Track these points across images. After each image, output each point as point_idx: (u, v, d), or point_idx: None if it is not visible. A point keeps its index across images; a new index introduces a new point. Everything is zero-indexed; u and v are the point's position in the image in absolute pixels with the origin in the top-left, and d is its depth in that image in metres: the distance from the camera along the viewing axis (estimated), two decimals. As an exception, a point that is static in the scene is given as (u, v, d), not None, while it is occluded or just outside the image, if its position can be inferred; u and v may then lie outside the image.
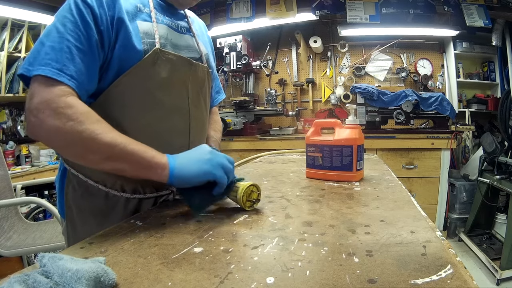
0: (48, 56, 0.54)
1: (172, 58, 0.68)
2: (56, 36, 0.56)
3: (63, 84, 0.55)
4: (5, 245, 1.43)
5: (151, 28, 0.66)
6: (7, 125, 2.64)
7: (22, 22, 2.48)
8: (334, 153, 0.86)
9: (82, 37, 0.57)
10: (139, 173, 0.59)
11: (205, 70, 0.79)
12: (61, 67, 0.55)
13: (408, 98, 2.56)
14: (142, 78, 0.64)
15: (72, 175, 0.69)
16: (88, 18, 0.58)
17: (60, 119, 0.53)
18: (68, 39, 0.56)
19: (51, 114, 0.53)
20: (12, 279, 0.31)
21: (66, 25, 0.57)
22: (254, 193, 0.64)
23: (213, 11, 3.02)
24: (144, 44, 0.64)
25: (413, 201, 0.66)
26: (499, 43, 2.76)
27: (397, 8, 2.70)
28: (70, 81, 0.56)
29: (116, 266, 0.41)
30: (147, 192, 0.71)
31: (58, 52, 0.55)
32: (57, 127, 0.53)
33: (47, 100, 0.53)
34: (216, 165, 0.61)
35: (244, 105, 2.85)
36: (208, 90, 0.83)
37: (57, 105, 0.53)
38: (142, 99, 0.66)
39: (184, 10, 0.80)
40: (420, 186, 2.52)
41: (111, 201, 0.68)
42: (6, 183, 1.66)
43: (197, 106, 0.77)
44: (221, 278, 0.37)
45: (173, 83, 0.70)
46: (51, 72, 0.54)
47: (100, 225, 0.65)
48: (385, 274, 0.37)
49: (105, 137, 0.54)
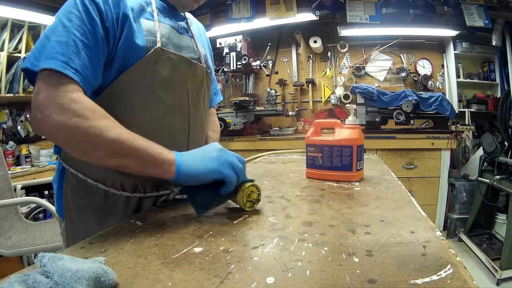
0: (55, 50, 0.54)
1: (172, 57, 0.69)
2: (62, 30, 0.56)
3: (68, 79, 0.55)
4: (5, 245, 1.43)
5: (153, 27, 0.67)
6: (7, 125, 2.64)
7: (22, 22, 2.47)
8: (334, 153, 0.86)
9: (88, 32, 0.57)
10: (145, 169, 0.58)
11: (204, 70, 0.79)
12: (66, 60, 0.54)
13: (408, 98, 2.56)
14: (143, 76, 0.65)
15: (71, 174, 0.69)
16: (94, 14, 0.58)
17: (65, 115, 0.52)
18: (74, 34, 0.56)
19: (57, 110, 0.52)
20: (12, 279, 0.31)
21: (72, 20, 0.57)
22: (254, 194, 0.64)
23: (213, 11, 3.02)
24: (147, 42, 0.64)
25: (413, 201, 0.66)
26: (499, 43, 2.76)
27: (397, 8, 2.70)
28: (75, 74, 0.55)
29: (116, 266, 0.41)
30: (147, 191, 0.71)
31: (64, 46, 0.55)
32: (62, 123, 0.52)
33: (52, 96, 0.53)
34: (224, 163, 0.60)
35: (244, 105, 2.85)
36: (207, 90, 0.84)
37: (63, 100, 0.53)
38: (143, 97, 0.66)
39: (183, 12, 0.80)
40: (420, 186, 2.52)
41: (111, 200, 0.68)
42: (6, 183, 1.66)
43: (196, 105, 0.77)
44: (221, 278, 0.37)
45: (173, 82, 0.70)
46: (57, 65, 0.53)
47: (100, 225, 0.65)
48: (385, 274, 0.37)
49: (111, 133, 0.54)
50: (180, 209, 0.66)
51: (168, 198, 0.74)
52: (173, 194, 0.74)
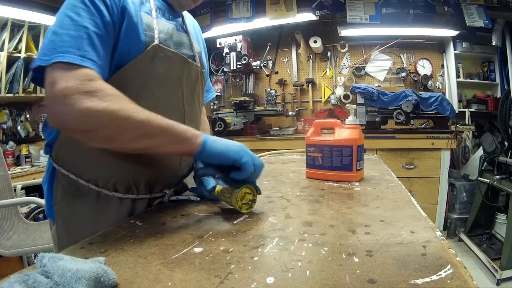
0: (68, 44, 0.53)
1: (169, 55, 0.69)
2: (71, 24, 0.55)
3: (87, 69, 0.54)
4: (5, 245, 1.43)
5: (152, 22, 0.67)
6: (7, 125, 2.64)
7: (22, 22, 2.47)
8: (334, 153, 0.86)
9: (100, 22, 0.57)
10: (175, 145, 0.58)
11: (198, 69, 0.79)
12: (83, 53, 0.54)
13: (408, 98, 2.56)
14: (140, 73, 0.64)
15: (61, 175, 0.67)
16: (101, 7, 0.58)
17: (92, 101, 0.51)
18: (85, 26, 0.55)
19: (82, 97, 0.51)
20: (12, 279, 0.31)
21: (80, 13, 0.56)
22: (248, 195, 0.63)
23: (213, 11, 3.02)
24: (146, 37, 0.64)
25: (413, 201, 0.66)
26: (499, 43, 2.75)
27: (397, 8, 2.70)
28: (94, 65, 0.55)
29: (116, 266, 0.41)
30: (140, 192, 0.70)
31: (78, 39, 0.54)
32: (91, 109, 0.51)
33: (74, 85, 0.51)
34: (246, 151, 0.61)
35: (244, 105, 2.85)
36: (201, 89, 0.83)
37: (87, 89, 0.52)
38: (139, 94, 0.65)
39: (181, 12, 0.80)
40: (420, 186, 2.52)
41: (103, 201, 0.67)
42: (6, 183, 1.66)
43: (191, 104, 0.77)
44: (221, 278, 0.37)
45: (168, 80, 0.70)
46: (73, 58, 0.52)
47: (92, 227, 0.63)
48: (385, 274, 0.37)
49: (140, 115, 0.54)
50: (180, 209, 0.66)
51: (162, 200, 0.73)
52: (167, 196, 0.73)
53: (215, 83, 3.38)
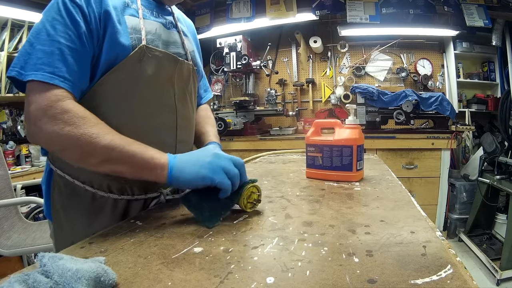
0: (40, 61, 0.55)
1: (158, 55, 0.68)
2: (47, 38, 0.56)
3: (57, 88, 0.55)
4: (5, 245, 1.43)
5: (139, 24, 0.66)
6: (7, 125, 2.64)
7: (22, 22, 2.47)
8: (334, 153, 0.86)
9: (73, 35, 0.58)
10: (139, 174, 0.58)
11: (190, 68, 0.78)
12: (53, 70, 0.55)
13: (408, 98, 2.56)
14: (128, 75, 0.64)
15: (58, 176, 0.68)
16: (77, 17, 0.58)
17: (57, 125, 0.54)
18: (59, 41, 0.56)
19: (48, 121, 0.54)
20: (12, 279, 0.31)
21: (56, 27, 0.57)
22: (254, 194, 0.64)
23: (213, 11, 3.02)
24: (132, 40, 0.64)
25: (413, 201, 0.66)
26: (499, 43, 2.76)
27: (397, 8, 2.70)
28: (64, 82, 0.56)
29: (116, 266, 0.41)
30: (135, 193, 0.70)
31: (49, 55, 0.55)
32: (55, 133, 0.54)
33: (43, 107, 0.54)
34: (217, 169, 0.58)
35: (244, 105, 2.85)
36: (194, 87, 0.82)
37: (54, 111, 0.54)
38: (128, 96, 0.65)
39: (170, 7, 0.80)
40: (420, 186, 2.52)
41: (99, 202, 0.67)
42: (6, 183, 1.66)
43: (183, 103, 0.76)
44: (221, 278, 0.37)
45: (159, 80, 0.69)
46: (44, 77, 0.54)
47: (88, 227, 0.64)
48: (385, 274, 0.37)
49: (102, 140, 0.55)
50: (180, 209, 0.66)
51: (159, 200, 0.73)
52: (163, 196, 0.73)
53: (215, 83, 3.38)
